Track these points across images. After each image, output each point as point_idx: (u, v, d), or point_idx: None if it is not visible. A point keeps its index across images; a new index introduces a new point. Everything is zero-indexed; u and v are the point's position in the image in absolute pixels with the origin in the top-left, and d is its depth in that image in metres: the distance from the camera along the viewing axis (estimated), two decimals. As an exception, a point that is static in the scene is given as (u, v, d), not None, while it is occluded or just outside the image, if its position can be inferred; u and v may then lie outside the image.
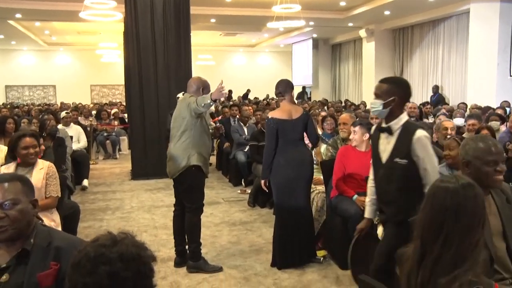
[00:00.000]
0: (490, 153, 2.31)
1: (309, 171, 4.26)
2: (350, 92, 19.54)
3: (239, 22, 15.61)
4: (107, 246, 1.27)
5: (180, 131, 4.01)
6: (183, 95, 4.27)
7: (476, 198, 1.67)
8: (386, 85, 2.87)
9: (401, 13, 14.08)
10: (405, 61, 15.98)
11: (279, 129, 4.12)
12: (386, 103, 2.82)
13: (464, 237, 1.62)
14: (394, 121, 2.84)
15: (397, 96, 2.81)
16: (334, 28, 17.14)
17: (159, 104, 8.24)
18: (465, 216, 1.63)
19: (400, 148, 2.80)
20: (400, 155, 2.79)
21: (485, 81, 11.26)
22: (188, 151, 3.98)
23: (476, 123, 5.51)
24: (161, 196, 7.06)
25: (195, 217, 4.12)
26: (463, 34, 13.03)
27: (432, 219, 1.68)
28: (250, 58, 25.71)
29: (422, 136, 2.76)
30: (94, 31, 17.72)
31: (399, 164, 2.79)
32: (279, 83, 4.33)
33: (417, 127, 2.82)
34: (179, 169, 4.01)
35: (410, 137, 2.76)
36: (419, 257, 1.68)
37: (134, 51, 8.31)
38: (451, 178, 1.74)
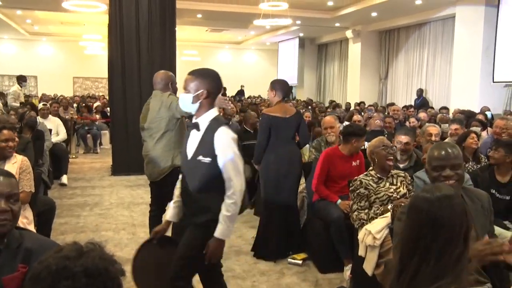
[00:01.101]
0: (434, 159, 2.38)
1: (299, 168, 4.44)
2: (335, 93, 19.57)
3: (226, 18, 15.50)
4: (71, 259, 1.14)
5: (160, 132, 3.88)
6: (154, 92, 4.08)
7: (453, 209, 1.60)
8: (193, 77, 2.65)
9: (388, 15, 14.13)
10: (391, 63, 16.06)
11: (272, 126, 4.23)
12: (195, 96, 2.62)
13: (444, 251, 1.55)
14: (202, 117, 2.65)
15: (206, 89, 2.61)
16: (320, 28, 17.14)
17: (142, 99, 8.07)
18: (443, 229, 1.57)
19: (204, 145, 2.61)
20: (203, 153, 2.60)
21: (469, 86, 11.35)
22: (171, 152, 3.87)
23: (459, 127, 5.51)
24: (141, 193, 6.95)
25: None
26: (448, 38, 13.13)
27: (409, 233, 1.63)
28: (236, 55, 25.60)
29: (222, 134, 2.57)
30: (77, 22, 17.41)
31: (202, 162, 2.59)
32: (275, 81, 4.47)
33: (221, 124, 2.61)
34: (164, 172, 3.89)
35: (212, 134, 2.58)
36: (398, 271, 1.62)
37: (117, 44, 8.17)
38: (428, 188, 1.69)
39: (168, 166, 3.88)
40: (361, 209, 3.56)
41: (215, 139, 2.55)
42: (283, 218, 4.38)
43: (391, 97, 15.84)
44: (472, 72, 11.29)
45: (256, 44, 23.80)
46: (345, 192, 4.11)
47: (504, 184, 3.79)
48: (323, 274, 4.06)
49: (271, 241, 4.35)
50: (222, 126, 2.59)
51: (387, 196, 3.58)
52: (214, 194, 2.57)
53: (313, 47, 21.30)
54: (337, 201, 4.11)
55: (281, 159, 4.27)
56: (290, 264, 4.24)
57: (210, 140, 2.56)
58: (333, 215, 3.97)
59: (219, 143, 2.55)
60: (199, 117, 2.64)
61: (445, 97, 13.18)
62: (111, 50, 8.31)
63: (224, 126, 2.60)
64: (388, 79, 16.21)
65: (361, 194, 3.58)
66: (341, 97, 18.39)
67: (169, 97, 3.89)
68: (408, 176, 3.76)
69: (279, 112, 4.28)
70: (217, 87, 2.67)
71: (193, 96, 2.60)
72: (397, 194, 3.59)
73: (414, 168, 4.17)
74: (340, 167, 4.24)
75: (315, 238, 4.28)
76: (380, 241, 3.23)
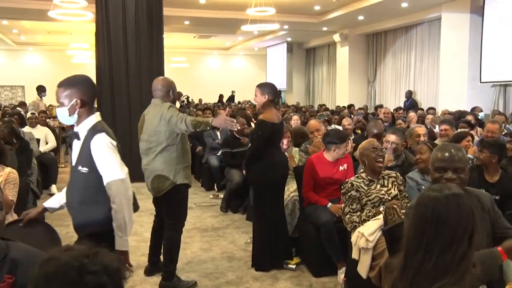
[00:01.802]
0: (438, 160, 2.38)
1: (287, 172, 4.42)
2: (324, 96, 19.63)
3: (213, 24, 15.50)
4: (90, 256, 1.18)
5: (160, 146, 3.65)
6: (154, 101, 3.81)
7: (460, 208, 1.60)
8: (63, 89, 2.52)
9: (374, 19, 14.22)
10: (378, 66, 16.15)
11: (271, 133, 4.11)
12: (70, 109, 2.50)
13: (446, 249, 1.55)
14: (81, 125, 2.55)
15: (79, 98, 2.50)
16: (308, 32, 17.20)
17: (131, 107, 8.07)
18: (447, 227, 1.57)
19: (83, 154, 2.51)
20: (82, 163, 2.51)
21: (456, 87, 11.44)
22: (173, 167, 3.67)
23: (448, 128, 5.55)
24: (131, 201, 6.88)
25: (177, 235, 3.85)
26: (434, 40, 13.23)
27: (414, 228, 1.63)
28: (225, 61, 25.61)
29: (98, 142, 2.47)
30: (64, 31, 17.33)
31: (81, 172, 2.51)
32: (265, 85, 4.23)
33: (97, 132, 2.50)
34: (163, 188, 3.68)
35: (89, 143, 2.49)
36: (402, 268, 1.62)
37: (105, 52, 8.14)
38: (437, 187, 1.69)
39: (168, 183, 3.67)
40: (353, 211, 3.55)
41: (91, 148, 2.47)
42: (277, 226, 4.28)
43: (380, 100, 15.92)
44: (459, 73, 11.38)
45: (245, 50, 23.84)
46: (335, 196, 4.11)
47: (493, 184, 3.80)
48: (317, 278, 4.05)
49: (272, 251, 4.22)
50: (98, 134, 2.49)
51: (378, 198, 3.58)
52: (96, 205, 2.49)
53: (301, 52, 21.37)
54: (328, 205, 4.11)
55: (277, 165, 4.19)
56: (284, 269, 4.21)
57: (88, 149, 2.48)
58: (322, 219, 3.97)
59: (96, 151, 2.47)
60: (78, 125, 2.55)
61: (433, 99, 13.27)
62: (98, 58, 8.27)
63: (100, 134, 2.49)
64: (377, 81, 16.30)
65: (353, 197, 3.58)
66: (330, 101, 18.45)
67: (170, 109, 3.65)
68: (400, 176, 3.76)
69: (275, 118, 4.15)
70: (90, 93, 2.56)
71: (67, 108, 2.49)
72: (388, 196, 3.59)
73: (401, 168, 4.21)
74: (326, 173, 4.25)
75: (308, 242, 4.26)
76: (373, 244, 3.23)
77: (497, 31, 10.30)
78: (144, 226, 5.54)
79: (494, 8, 10.29)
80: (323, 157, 4.34)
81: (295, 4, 12.88)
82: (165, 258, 3.85)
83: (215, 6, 13.13)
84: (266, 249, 4.21)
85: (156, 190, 3.74)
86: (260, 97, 4.13)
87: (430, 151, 3.78)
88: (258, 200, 4.28)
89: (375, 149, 3.62)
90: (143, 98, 7.77)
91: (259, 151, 4.15)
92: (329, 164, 4.29)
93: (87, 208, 2.51)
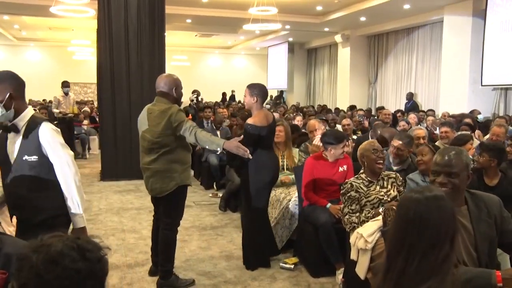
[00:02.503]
0: (434, 163, 2.36)
1: (277, 175, 4.40)
2: (325, 97, 19.63)
3: (215, 23, 15.49)
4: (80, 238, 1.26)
5: (166, 148, 3.62)
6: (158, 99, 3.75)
7: (441, 210, 1.60)
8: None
9: (376, 20, 14.21)
10: (380, 67, 16.14)
11: (259, 136, 4.00)
12: (5, 104, 2.53)
13: (428, 251, 1.55)
14: (18, 118, 2.60)
15: (11, 91, 2.55)
16: (310, 33, 17.19)
17: (131, 104, 8.06)
18: (429, 229, 1.57)
19: (28, 145, 2.59)
20: (27, 152, 2.59)
21: (457, 90, 11.44)
22: (176, 168, 3.64)
23: (449, 130, 5.55)
24: (130, 198, 6.88)
25: (173, 234, 3.82)
26: (436, 42, 13.23)
27: (396, 230, 1.63)
28: (226, 60, 25.61)
29: (45, 130, 2.58)
30: (66, 27, 17.32)
31: (29, 161, 2.59)
32: (255, 86, 4.12)
33: (42, 120, 2.62)
34: (169, 189, 3.64)
35: (35, 133, 2.58)
36: (385, 270, 1.62)
37: (106, 49, 8.13)
38: (419, 189, 1.69)
39: (173, 184, 3.64)
40: (352, 212, 3.55)
41: (40, 136, 2.57)
42: (264, 226, 4.32)
43: (380, 101, 15.92)
44: (460, 75, 11.38)
45: (246, 49, 23.83)
46: (335, 197, 4.10)
47: (492, 187, 3.80)
48: (315, 278, 4.04)
49: (260, 250, 4.27)
50: (43, 122, 2.60)
51: (378, 199, 3.57)
52: (47, 191, 2.60)
53: (303, 52, 21.36)
54: (327, 205, 4.10)
55: (267, 168, 4.12)
56: (282, 269, 4.21)
57: (34, 138, 2.57)
58: (321, 220, 3.95)
59: (46, 138, 2.57)
60: (15, 119, 2.60)
61: (434, 101, 13.27)
62: (100, 55, 8.26)
63: (44, 122, 2.61)
64: (378, 83, 16.29)
65: (352, 197, 3.57)
66: (331, 102, 18.44)
67: (178, 114, 3.58)
68: (400, 177, 3.76)
69: (263, 121, 4.04)
70: (18, 85, 2.62)
71: (3, 104, 2.53)
72: (388, 197, 3.58)
73: (407, 172, 4.19)
74: (325, 173, 4.24)
75: (306, 242, 4.26)
76: (372, 245, 3.21)
77: (499, 35, 10.30)
78: (143, 224, 5.54)
79: (496, 12, 10.29)
80: (322, 158, 4.33)
81: (297, 4, 12.88)
82: (161, 257, 3.81)
83: (217, 5, 13.12)
84: (251, 249, 4.26)
85: (159, 191, 3.68)
86: (249, 98, 4.07)
87: (432, 153, 3.79)
88: (245, 202, 4.23)
89: (376, 151, 3.61)
90: (144, 96, 7.77)
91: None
92: (329, 164, 4.28)
93: (39, 195, 2.60)
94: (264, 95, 4.12)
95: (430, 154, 3.83)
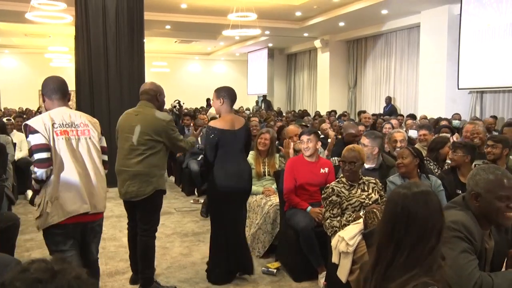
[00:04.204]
0: (502, 187, 2.07)
1: (249, 184, 4.05)
2: (305, 102, 19.74)
3: (195, 29, 15.47)
4: (43, 282, 1.02)
5: (151, 151, 3.62)
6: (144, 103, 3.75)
7: (428, 205, 1.65)
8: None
9: (355, 25, 14.36)
10: (359, 72, 16.30)
11: (220, 140, 3.80)
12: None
13: (416, 244, 1.60)
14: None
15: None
16: (289, 38, 17.28)
17: (111, 111, 7.97)
18: (416, 223, 1.62)
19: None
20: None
21: (435, 93, 11.61)
22: (155, 172, 3.63)
23: (427, 133, 5.62)
24: (110, 206, 6.78)
25: (152, 240, 3.78)
26: (414, 47, 13.43)
27: (385, 224, 1.68)
28: (206, 66, 25.57)
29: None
30: (42, 34, 17.07)
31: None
32: (221, 89, 3.98)
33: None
34: (146, 193, 3.60)
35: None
36: (374, 262, 1.67)
37: (85, 56, 8.05)
38: (407, 184, 1.74)
39: (151, 188, 3.61)
40: (334, 216, 3.56)
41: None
42: (231, 238, 3.98)
43: (360, 105, 16.07)
44: (437, 79, 11.56)
45: (226, 55, 23.84)
46: (315, 199, 4.11)
47: None
48: (298, 282, 4.03)
49: (221, 264, 3.99)
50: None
51: (359, 202, 3.59)
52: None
53: (282, 57, 21.46)
54: (307, 208, 4.10)
55: (231, 175, 3.85)
56: (264, 274, 4.19)
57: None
58: (301, 224, 3.95)
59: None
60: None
61: (412, 104, 13.44)
62: (78, 62, 8.17)
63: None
64: (357, 87, 16.45)
65: (334, 202, 3.58)
66: (311, 106, 18.54)
67: (169, 123, 3.67)
68: (379, 183, 3.79)
69: (227, 125, 3.84)
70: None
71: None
72: (369, 200, 3.61)
73: (380, 170, 4.30)
74: (306, 173, 4.25)
75: (288, 247, 4.25)
76: (353, 248, 3.23)
77: (473, 40, 10.50)
78: (123, 232, 5.44)
79: (471, 17, 10.49)
80: (303, 158, 4.34)
81: (276, 10, 12.94)
82: (141, 264, 3.75)
83: (196, 11, 13.11)
84: (215, 263, 4.00)
85: (134, 194, 3.62)
86: (216, 102, 3.96)
87: (412, 156, 3.82)
88: (211, 211, 4.04)
89: (344, 163, 3.68)
90: (123, 103, 7.70)
91: (207, 160, 3.92)
92: (309, 164, 4.29)
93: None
94: (232, 97, 3.94)
95: (410, 157, 3.86)
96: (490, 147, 4.24)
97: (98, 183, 2.96)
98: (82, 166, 2.90)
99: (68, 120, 2.90)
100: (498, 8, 9.81)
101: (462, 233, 2.04)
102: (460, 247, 2.01)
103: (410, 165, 3.83)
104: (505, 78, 9.78)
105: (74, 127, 2.91)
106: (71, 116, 2.93)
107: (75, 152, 2.88)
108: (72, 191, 2.82)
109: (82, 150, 2.91)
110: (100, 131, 3.08)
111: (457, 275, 1.97)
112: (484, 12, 10.12)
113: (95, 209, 2.92)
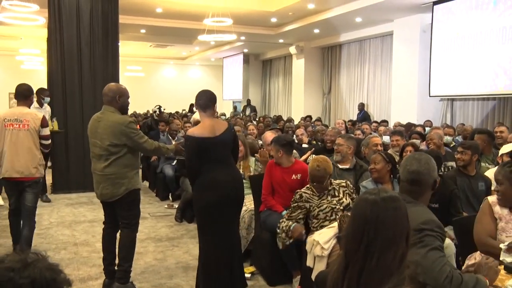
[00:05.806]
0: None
1: (242, 192, 3.72)
2: (280, 108, 19.83)
3: (170, 33, 15.39)
4: (16, 270, 1.07)
5: (116, 155, 3.72)
6: (107, 107, 3.79)
7: (397, 211, 1.66)
8: None
9: (329, 32, 14.52)
10: (333, 78, 16.47)
11: (200, 149, 3.46)
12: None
13: (386, 250, 1.61)
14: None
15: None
16: (265, 44, 17.36)
17: (84, 116, 7.85)
18: (385, 228, 1.62)
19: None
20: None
21: (407, 100, 11.83)
22: (127, 173, 3.75)
23: (399, 139, 5.76)
24: (83, 211, 6.69)
25: (133, 233, 3.91)
26: (387, 54, 13.64)
27: (353, 229, 1.67)
28: (181, 71, 25.45)
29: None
30: (14, 36, 16.71)
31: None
32: (200, 95, 3.67)
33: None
34: (119, 193, 3.75)
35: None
36: (343, 268, 1.65)
37: (57, 59, 7.94)
38: (374, 190, 1.75)
39: (123, 189, 3.74)
40: (288, 218, 3.70)
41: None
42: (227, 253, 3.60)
43: (335, 112, 16.23)
44: (410, 86, 11.78)
45: (201, 60, 23.78)
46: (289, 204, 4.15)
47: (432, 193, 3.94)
48: (272, 287, 4.05)
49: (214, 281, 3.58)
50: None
51: (330, 208, 3.64)
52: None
53: (258, 63, 21.54)
54: (282, 212, 4.13)
55: (220, 186, 3.49)
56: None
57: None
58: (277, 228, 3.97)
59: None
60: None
61: (385, 111, 13.65)
62: (50, 65, 8.05)
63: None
64: (331, 94, 16.61)
65: (300, 207, 3.69)
66: (286, 112, 18.64)
67: (128, 126, 3.72)
68: (350, 185, 3.85)
69: (206, 131, 3.50)
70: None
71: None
72: (340, 206, 3.66)
73: (354, 170, 4.50)
74: (279, 178, 4.31)
75: (263, 250, 4.27)
76: (328, 251, 3.27)
77: (444, 48, 10.74)
78: (96, 237, 5.39)
79: (441, 26, 10.73)
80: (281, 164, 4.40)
81: (252, 16, 13.00)
82: (120, 256, 3.83)
83: (172, 15, 13.05)
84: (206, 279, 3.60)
85: (110, 196, 3.78)
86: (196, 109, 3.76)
87: (384, 161, 3.90)
88: (199, 230, 3.66)
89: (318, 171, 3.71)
90: (97, 106, 7.55)
91: (189, 169, 3.61)
92: (282, 170, 4.34)
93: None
94: (206, 102, 3.61)
95: (382, 163, 3.94)
96: (460, 154, 4.35)
97: (28, 157, 4.33)
98: (17, 146, 4.30)
99: (16, 117, 4.34)
100: (468, 17, 10.07)
101: (435, 232, 2.19)
102: (431, 244, 2.15)
103: (383, 170, 3.91)
104: (474, 87, 10.02)
105: (19, 122, 4.33)
106: (19, 114, 4.36)
107: (15, 137, 4.30)
108: (7, 161, 4.30)
109: (22, 136, 4.32)
110: (41, 123, 4.43)
111: (429, 270, 2.10)
112: (454, 21, 10.38)
113: (22, 174, 4.30)
